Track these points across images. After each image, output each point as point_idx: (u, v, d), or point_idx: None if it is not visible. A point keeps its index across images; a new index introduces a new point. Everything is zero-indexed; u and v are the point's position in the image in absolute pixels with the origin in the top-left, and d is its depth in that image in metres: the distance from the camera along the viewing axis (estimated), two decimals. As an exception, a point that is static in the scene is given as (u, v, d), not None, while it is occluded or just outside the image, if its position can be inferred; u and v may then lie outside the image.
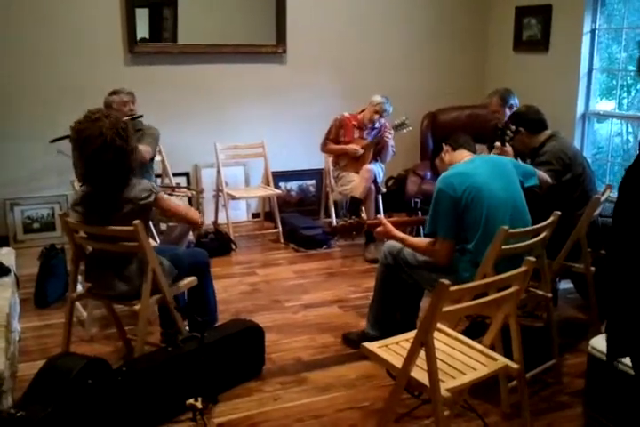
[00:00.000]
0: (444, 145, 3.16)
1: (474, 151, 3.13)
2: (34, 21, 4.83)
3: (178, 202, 3.33)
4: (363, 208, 4.90)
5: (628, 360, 2.42)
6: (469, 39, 6.17)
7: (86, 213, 2.88)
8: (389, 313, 3.24)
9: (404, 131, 5.09)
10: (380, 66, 5.90)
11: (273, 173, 5.49)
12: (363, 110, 5.14)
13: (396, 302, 3.23)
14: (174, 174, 5.26)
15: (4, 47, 4.81)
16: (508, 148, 3.44)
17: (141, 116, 4.20)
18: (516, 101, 4.65)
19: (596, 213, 3.30)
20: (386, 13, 5.85)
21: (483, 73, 6.24)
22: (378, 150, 5.13)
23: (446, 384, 2.12)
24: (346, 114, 5.17)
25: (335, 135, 5.15)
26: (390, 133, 5.03)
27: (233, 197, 5.20)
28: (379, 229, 3.09)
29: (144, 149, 3.94)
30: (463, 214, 2.81)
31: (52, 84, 4.97)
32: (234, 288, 4.25)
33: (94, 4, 4.98)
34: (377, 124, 5.12)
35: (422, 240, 3.00)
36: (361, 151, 5.06)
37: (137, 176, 2.95)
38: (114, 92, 4.22)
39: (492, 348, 2.41)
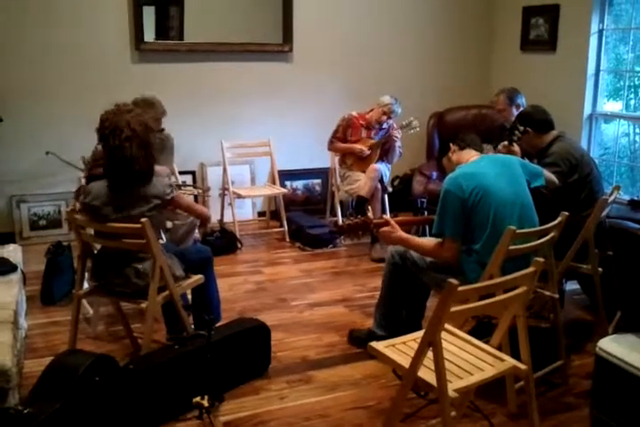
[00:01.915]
0: (451, 144, 3.15)
1: (481, 150, 3.12)
2: (40, 19, 4.84)
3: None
4: (369, 207, 4.89)
5: (636, 363, 2.42)
6: (476, 39, 6.17)
7: (104, 209, 2.88)
8: (396, 312, 3.24)
9: (411, 131, 5.08)
10: (387, 65, 5.90)
11: (279, 171, 5.49)
12: (371, 110, 5.14)
13: (403, 302, 3.23)
14: (180, 172, 5.25)
15: (10, 45, 4.81)
16: (516, 147, 3.45)
17: (163, 130, 4.29)
18: (522, 100, 4.65)
19: (604, 214, 3.30)
20: (392, 13, 5.85)
21: (490, 73, 6.24)
22: (385, 151, 5.12)
23: (453, 385, 2.12)
24: (354, 113, 5.16)
25: (342, 134, 5.15)
26: (398, 134, 5.03)
27: (239, 196, 5.20)
28: (384, 228, 3.08)
29: (161, 169, 4.01)
30: (470, 215, 2.81)
31: (59, 81, 4.98)
32: (239, 287, 4.25)
33: (102, 2, 4.98)
34: (385, 125, 5.11)
35: (429, 241, 2.99)
36: (367, 152, 5.06)
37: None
38: (149, 104, 4.09)
39: (500, 348, 2.41)
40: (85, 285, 3.23)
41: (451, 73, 6.13)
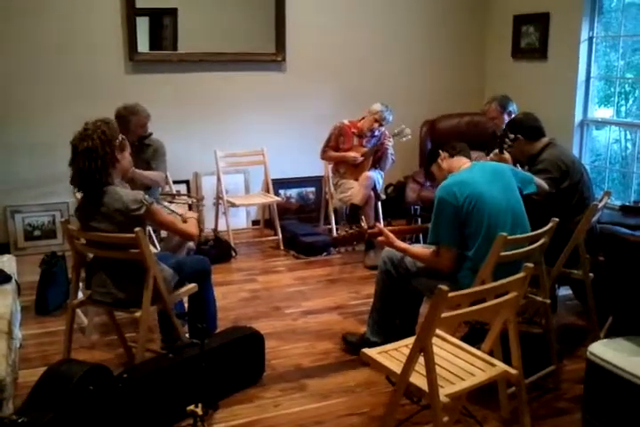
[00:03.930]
0: (440, 152, 3.15)
1: (469, 158, 3.15)
2: (34, 28, 4.86)
3: (171, 216, 3.19)
4: (362, 216, 4.92)
5: (627, 367, 2.44)
6: (468, 47, 6.21)
7: (81, 220, 2.91)
8: (390, 319, 3.25)
9: (403, 139, 5.11)
10: (380, 73, 5.94)
11: (273, 180, 5.51)
12: (362, 118, 5.17)
13: (396, 308, 3.24)
14: (175, 182, 5.27)
15: (4, 56, 4.84)
16: (507, 155, 3.46)
17: (151, 134, 4.27)
18: (514, 108, 4.68)
19: (594, 219, 3.32)
20: (385, 21, 5.89)
21: (481, 81, 6.27)
22: (377, 158, 5.15)
23: (445, 390, 2.13)
24: (345, 121, 5.19)
25: (335, 143, 5.17)
26: (390, 141, 5.06)
27: (233, 205, 5.21)
28: (380, 238, 3.11)
29: (157, 175, 4.15)
30: (464, 222, 2.82)
31: (52, 92, 4.99)
32: (234, 295, 4.26)
33: (95, 12, 5.01)
34: (376, 133, 5.14)
35: (425, 249, 3.00)
36: (360, 159, 5.09)
37: (118, 186, 2.88)
38: (132, 112, 4.12)
39: (491, 354, 2.42)
40: (80, 295, 3.24)
41: (443, 81, 6.16)
